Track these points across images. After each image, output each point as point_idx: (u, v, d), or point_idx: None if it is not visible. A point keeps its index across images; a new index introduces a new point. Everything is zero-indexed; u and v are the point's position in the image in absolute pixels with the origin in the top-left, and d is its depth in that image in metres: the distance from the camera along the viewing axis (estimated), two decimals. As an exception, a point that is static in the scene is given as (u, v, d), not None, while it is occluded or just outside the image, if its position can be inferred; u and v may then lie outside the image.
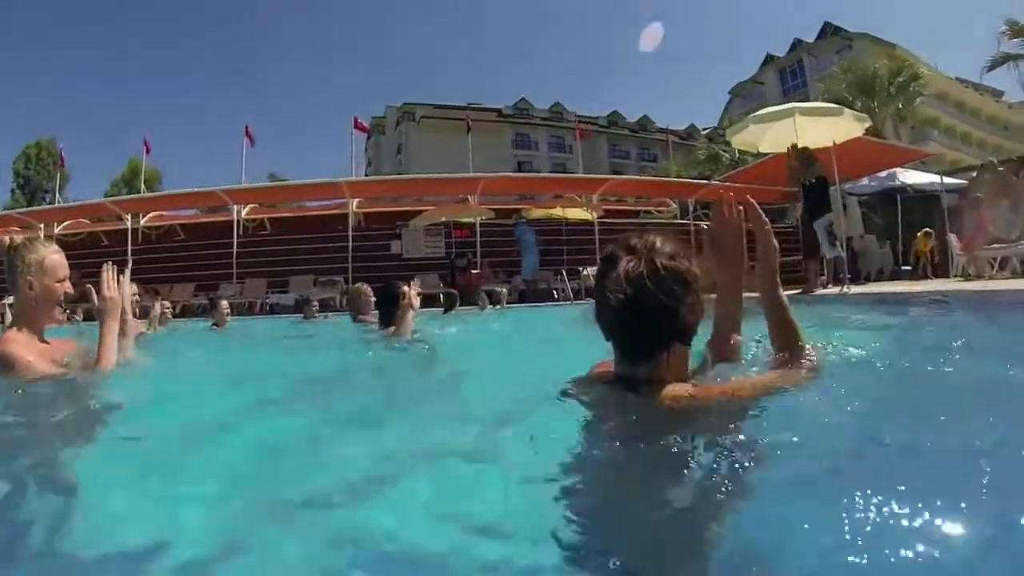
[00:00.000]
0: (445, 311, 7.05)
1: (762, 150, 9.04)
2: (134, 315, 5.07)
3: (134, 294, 5.16)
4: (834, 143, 7.62)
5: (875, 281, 12.48)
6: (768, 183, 12.55)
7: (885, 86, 19.84)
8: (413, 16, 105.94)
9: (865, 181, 13.46)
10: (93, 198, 21.32)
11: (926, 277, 11.43)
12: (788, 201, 15.53)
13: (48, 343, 2.13)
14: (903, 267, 13.14)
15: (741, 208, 1.36)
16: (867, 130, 19.25)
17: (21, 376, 1.90)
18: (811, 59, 40.95)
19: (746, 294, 1.36)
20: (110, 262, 2.30)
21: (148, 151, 16.06)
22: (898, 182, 12.71)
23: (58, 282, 2.09)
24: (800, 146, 7.44)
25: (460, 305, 11.54)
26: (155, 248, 14.69)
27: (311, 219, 16.40)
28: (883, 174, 13.09)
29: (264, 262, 13.91)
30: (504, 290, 9.59)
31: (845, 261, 7.07)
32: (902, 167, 13.04)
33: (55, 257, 2.11)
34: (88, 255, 14.64)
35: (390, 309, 3.59)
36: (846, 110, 8.07)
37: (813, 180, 7.34)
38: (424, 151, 41.99)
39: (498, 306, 9.16)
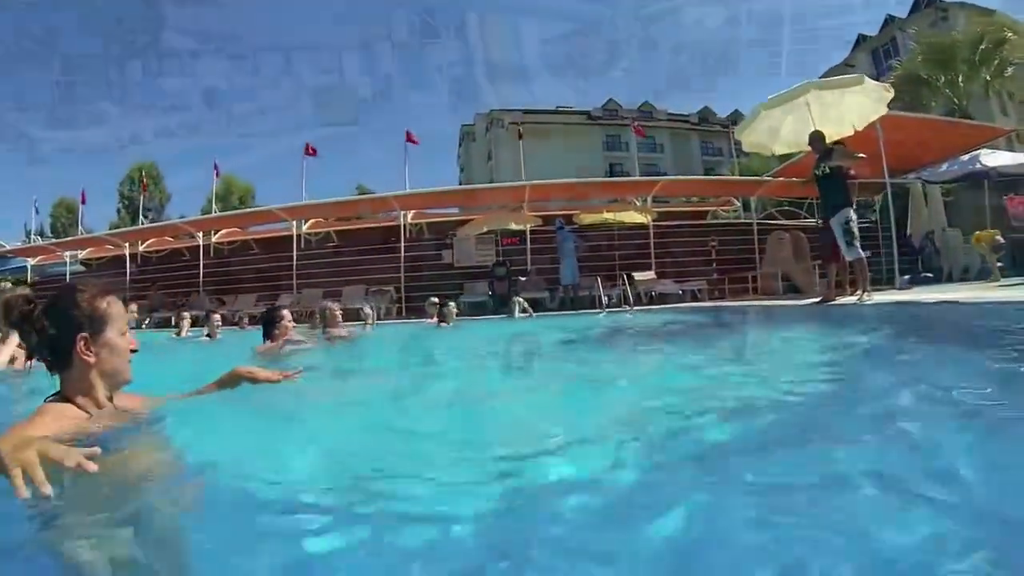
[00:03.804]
0: (439, 323, 7.07)
1: (777, 152, 7.87)
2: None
3: (131, 312, 5.71)
4: (855, 130, 6.67)
5: (960, 281, 11.11)
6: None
7: (967, 56, 17.44)
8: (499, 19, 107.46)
9: (944, 166, 11.95)
10: (194, 215, 23.69)
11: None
12: (866, 194, 14.08)
13: None
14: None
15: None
16: (953, 109, 17.22)
17: None
18: (904, 35, 37.33)
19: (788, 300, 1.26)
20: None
21: (218, 174, 17.91)
22: (979, 166, 11.04)
23: None
24: (814, 131, 6.32)
25: (497, 313, 11.64)
26: (227, 261, 16.00)
27: (369, 231, 17.19)
28: (965, 157, 11.52)
29: (323, 272, 14.72)
30: (521, 300, 9.44)
31: (866, 264, 5.89)
32: (986, 148, 11.45)
33: None
34: (171, 268, 16.26)
35: (268, 329, 3.83)
36: (867, 79, 6.95)
37: (828, 170, 6.01)
38: (513, 157, 42.19)
39: (509, 315, 9.09)
